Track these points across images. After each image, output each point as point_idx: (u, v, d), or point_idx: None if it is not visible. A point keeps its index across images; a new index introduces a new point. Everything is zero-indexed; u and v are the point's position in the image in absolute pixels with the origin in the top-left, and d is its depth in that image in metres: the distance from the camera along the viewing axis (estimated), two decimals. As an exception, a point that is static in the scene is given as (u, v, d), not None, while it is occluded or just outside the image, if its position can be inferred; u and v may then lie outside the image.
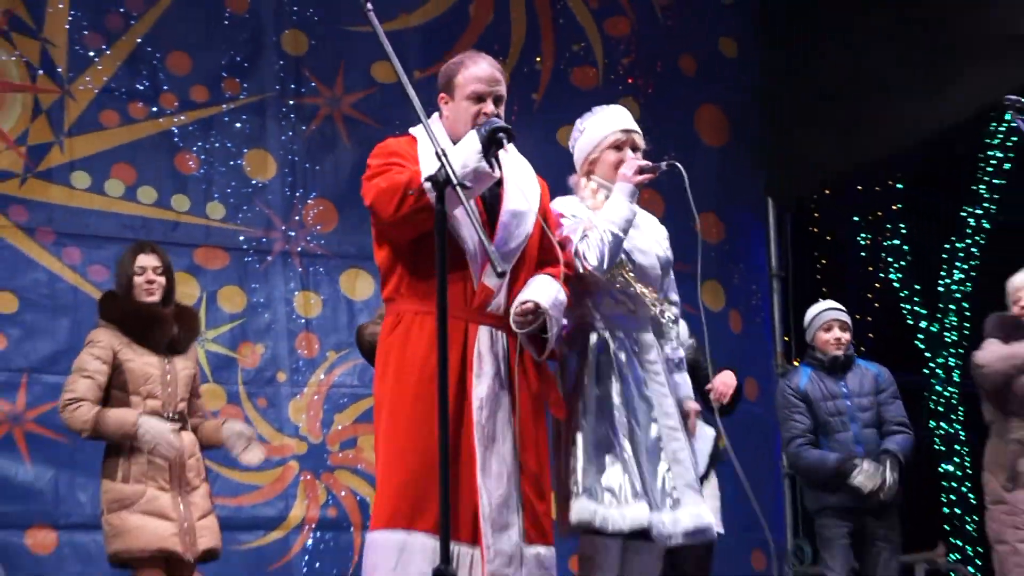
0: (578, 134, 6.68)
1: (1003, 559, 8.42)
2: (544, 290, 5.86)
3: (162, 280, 7.75)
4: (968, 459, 13.53)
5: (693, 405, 6.58)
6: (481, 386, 5.84)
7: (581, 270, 6.20)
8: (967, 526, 13.41)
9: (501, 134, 5.58)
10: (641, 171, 6.22)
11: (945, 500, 13.76)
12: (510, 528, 5.79)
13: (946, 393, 13.43)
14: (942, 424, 12.46)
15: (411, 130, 6.06)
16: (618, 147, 6.40)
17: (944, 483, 13.86)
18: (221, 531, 8.59)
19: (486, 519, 5.70)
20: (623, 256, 6.31)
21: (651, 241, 6.57)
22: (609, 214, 6.19)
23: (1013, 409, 8.34)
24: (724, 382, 8.08)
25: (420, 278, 5.82)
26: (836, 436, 8.92)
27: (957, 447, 13.86)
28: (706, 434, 8.03)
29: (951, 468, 13.92)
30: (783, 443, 9.37)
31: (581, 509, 6.06)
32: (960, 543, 13.33)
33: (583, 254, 6.11)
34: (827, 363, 9.15)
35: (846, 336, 9.29)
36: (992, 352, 8.48)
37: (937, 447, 12.86)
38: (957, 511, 13.65)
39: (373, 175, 5.83)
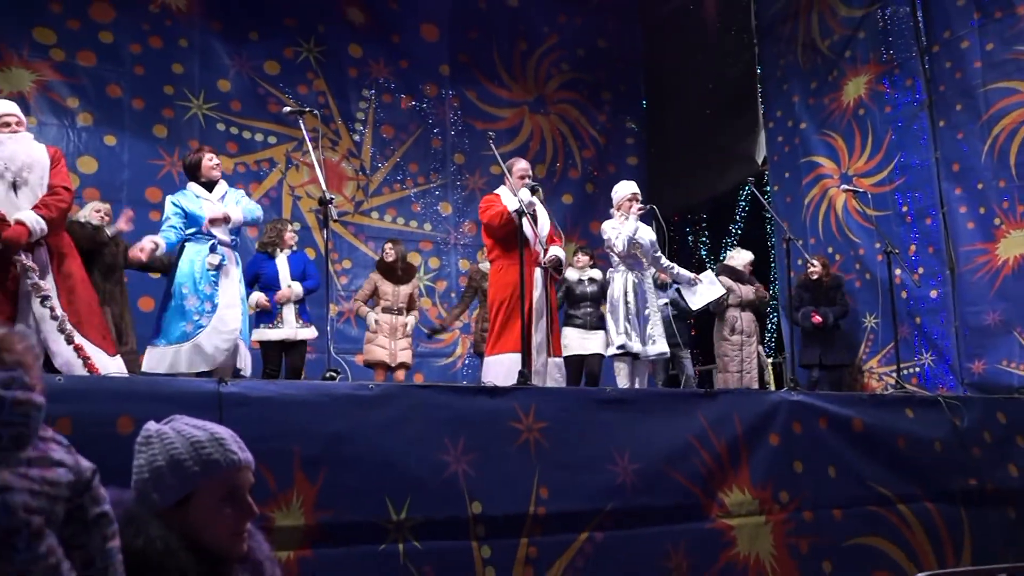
0: (615, 193, 7.27)
1: (724, 363, 8.70)
2: (556, 251, 6.57)
3: (393, 252, 8.39)
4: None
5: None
6: (536, 292, 6.45)
7: (614, 252, 7.06)
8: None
9: (536, 186, 6.42)
10: (639, 211, 7.03)
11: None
12: (543, 352, 6.41)
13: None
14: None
15: (497, 190, 6.80)
16: (631, 200, 7.09)
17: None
18: (425, 359, 10.10)
19: (535, 348, 6.31)
20: (637, 240, 6.97)
21: (647, 233, 7.11)
22: (627, 228, 6.93)
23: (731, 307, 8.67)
24: None
25: (508, 250, 6.44)
26: None
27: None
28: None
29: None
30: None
31: (623, 341, 6.86)
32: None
33: (614, 245, 6.97)
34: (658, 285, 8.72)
35: None
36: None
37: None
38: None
39: (486, 210, 6.60)
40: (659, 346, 7.03)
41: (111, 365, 5.18)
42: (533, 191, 6.39)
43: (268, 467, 3.86)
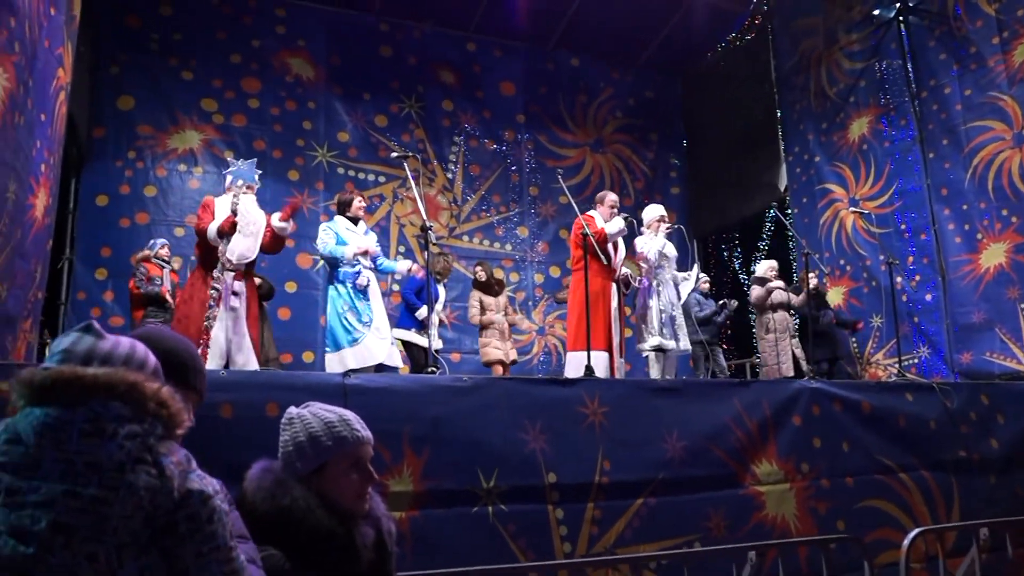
0: (645, 215, 7.05)
1: (764, 358, 8.40)
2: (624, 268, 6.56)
3: (483, 272, 8.15)
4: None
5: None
6: (614, 302, 6.46)
7: (645, 262, 6.84)
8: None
9: (631, 219, 6.40)
10: (667, 230, 6.98)
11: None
12: (616, 349, 6.32)
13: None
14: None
15: (589, 212, 6.68)
16: (659, 220, 6.94)
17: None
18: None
19: (615, 347, 6.34)
20: (664, 252, 6.87)
21: (670, 250, 6.96)
22: (656, 243, 6.80)
23: (764, 309, 8.36)
24: None
25: (592, 263, 6.20)
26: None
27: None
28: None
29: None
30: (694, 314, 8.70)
31: (655, 340, 6.71)
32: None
33: (647, 256, 6.77)
34: (705, 293, 8.96)
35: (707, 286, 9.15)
36: (756, 293, 8.42)
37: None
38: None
39: (586, 225, 6.32)
40: (684, 343, 6.90)
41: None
42: (626, 221, 6.42)
43: (384, 444, 3.93)
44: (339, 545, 1.87)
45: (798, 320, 8.83)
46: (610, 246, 6.42)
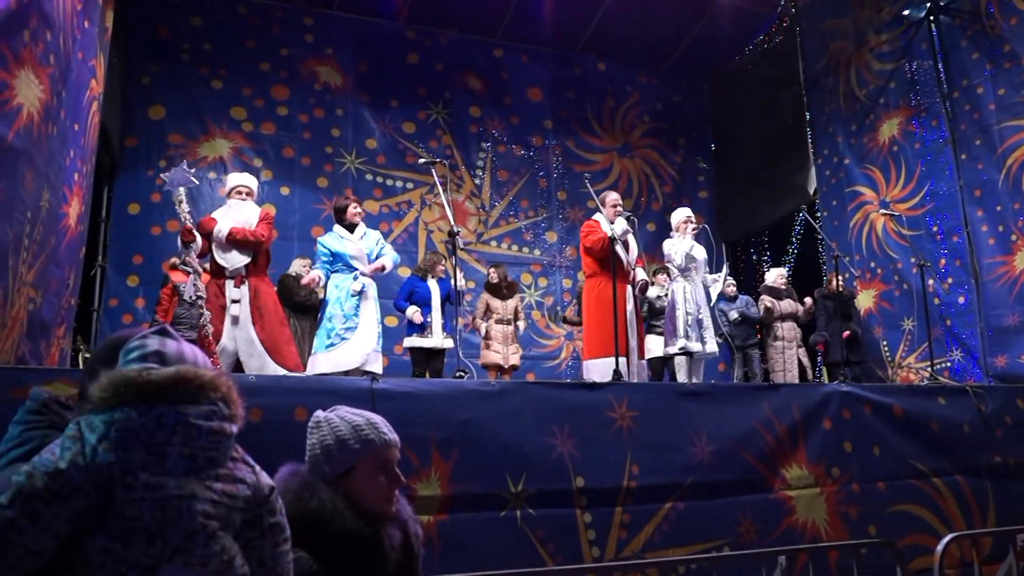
0: (673, 218, 7.10)
1: (771, 364, 8.43)
2: (641, 272, 6.55)
3: (496, 275, 8.18)
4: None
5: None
6: (629, 305, 6.40)
7: (673, 265, 6.85)
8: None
9: (632, 217, 6.41)
10: (693, 231, 6.95)
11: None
12: (632, 353, 6.29)
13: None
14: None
15: (594, 216, 6.65)
16: (685, 222, 6.93)
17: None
18: (536, 361, 9.82)
19: (631, 350, 6.28)
20: (692, 255, 6.79)
21: (699, 252, 6.88)
22: (684, 245, 6.75)
23: (773, 321, 8.43)
24: None
25: (604, 269, 6.33)
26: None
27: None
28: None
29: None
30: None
31: (682, 343, 6.65)
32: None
33: (673, 260, 6.78)
34: (731, 297, 8.96)
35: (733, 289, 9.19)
36: (766, 303, 8.49)
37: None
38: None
39: (588, 235, 6.47)
40: (711, 346, 6.83)
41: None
42: (629, 221, 6.36)
43: (411, 448, 3.96)
44: (366, 547, 1.88)
45: (825, 324, 8.76)
46: (619, 248, 6.31)
